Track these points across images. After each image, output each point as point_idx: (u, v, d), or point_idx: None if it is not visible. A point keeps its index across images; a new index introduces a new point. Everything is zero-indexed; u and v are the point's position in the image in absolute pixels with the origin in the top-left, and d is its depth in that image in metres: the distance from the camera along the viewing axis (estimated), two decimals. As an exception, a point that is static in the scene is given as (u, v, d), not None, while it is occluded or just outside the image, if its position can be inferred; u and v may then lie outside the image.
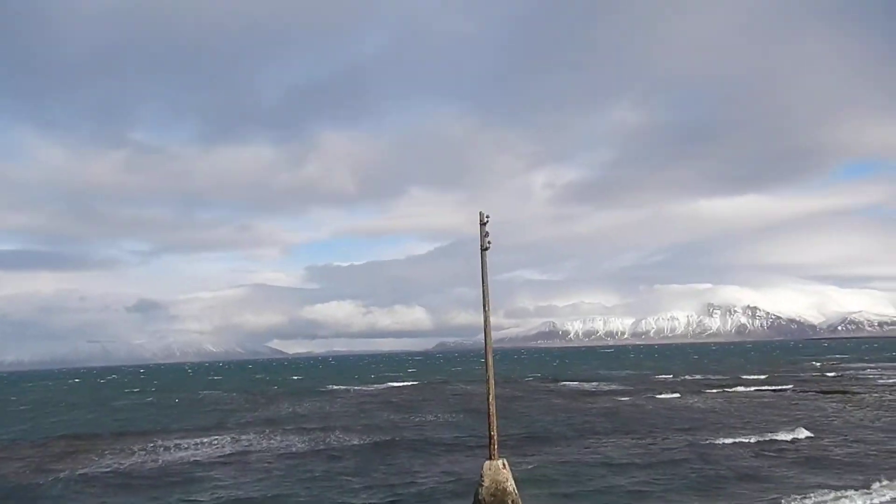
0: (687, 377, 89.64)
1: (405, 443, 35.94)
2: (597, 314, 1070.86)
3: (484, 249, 21.28)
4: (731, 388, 68.13)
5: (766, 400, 55.27)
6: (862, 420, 40.70)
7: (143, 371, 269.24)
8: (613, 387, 74.84)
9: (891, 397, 54.37)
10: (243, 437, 39.83)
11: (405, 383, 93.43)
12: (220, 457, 32.84)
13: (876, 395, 56.74)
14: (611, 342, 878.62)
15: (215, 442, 37.96)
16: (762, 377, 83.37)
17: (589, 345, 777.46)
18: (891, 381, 72.90)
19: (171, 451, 35.40)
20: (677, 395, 61.72)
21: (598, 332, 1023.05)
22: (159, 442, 38.66)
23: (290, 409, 58.29)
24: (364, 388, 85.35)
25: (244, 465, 30.34)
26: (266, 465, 30.24)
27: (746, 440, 33.65)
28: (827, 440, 33.10)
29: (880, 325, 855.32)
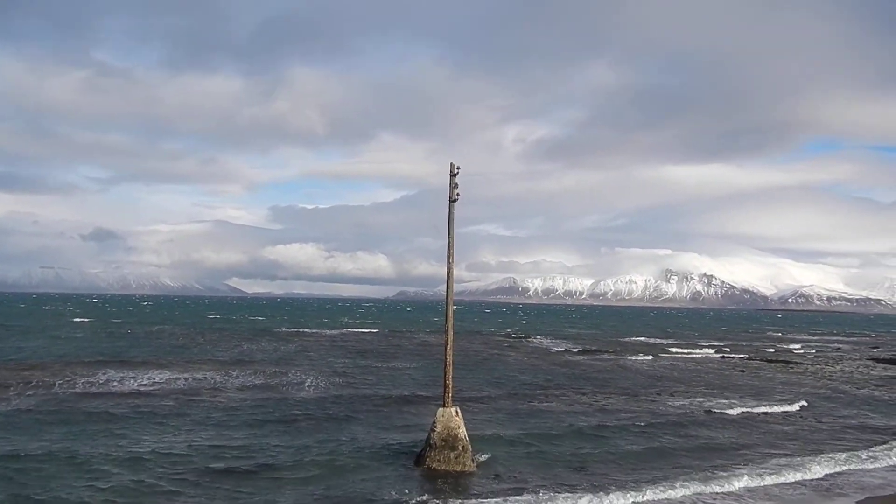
0: (650, 339, 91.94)
1: (362, 388, 36.45)
2: (557, 273, 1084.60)
3: (452, 201, 21.38)
4: (691, 350, 70.28)
5: (723, 366, 57.16)
6: (801, 389, 42.49)
7: (97, 300, 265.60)
8: (574, 345, 76.41)
9: (829, 368, 56.67)
10: (195, 374, 39.81)
11: (366, 330, 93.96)
12: (168, 392, 32.83)
13: (818, 365, 59.11)
14: (569, 301, 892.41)
15: (165, 377, 37.83)
16: (721, 343, 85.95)
17: (548, 302, 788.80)
18: (822, 352, 75.88)
19: (119, 383, 35.28)
20: (638, 356, 63.39)
21: (557, 290, 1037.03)
22: (109, 373, 38.48)
23: (246, 349, 58.33)
24: (323, 332, 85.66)
25: (193, 402, 30.38)
26: (215, 403, 30.37)
27: (698, 404, 34.93)
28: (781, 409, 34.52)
29: (829, 299, 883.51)
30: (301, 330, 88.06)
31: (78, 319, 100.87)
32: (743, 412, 32.24)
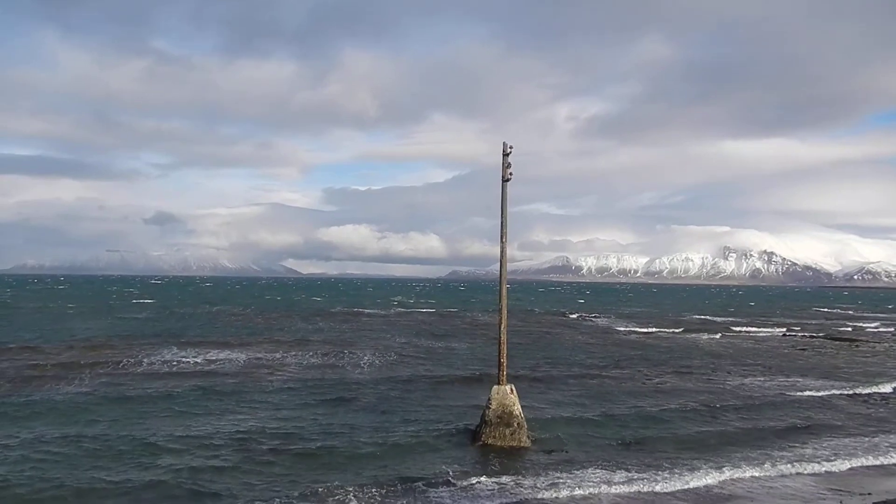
0: (709, 317, 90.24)
1: (417, 368, 36.81)
2: (611, 251, 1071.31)
3: (505, 181, 21.25)
4: (753, 328, 68.69)
5: (787, 343, 55.71)
6: (866, 368, 41.06)
7: (160, 281, 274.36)
8: (630, 324, 75.50)
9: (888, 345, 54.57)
10: (254, 353, 40.84)
11: (419, 310, 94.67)
12: (228, 371, 33.77)
13: (886, 344, 56.98)
14: (623, 280, 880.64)
15: (225, 356, 38.93)
16: (784, 321, 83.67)
17: (601, 281, 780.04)
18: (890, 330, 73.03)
19: (179, 361, 36.44)
20: (697, 334, 62.30)
21: (610, 269, 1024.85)
22: (173, 350, 39.82)
23: (303, 328, 59.49)
24: (378, 312, 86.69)
25: (253, 381, 31.18)
26: (274, 383, 31.08)
27: (750, 380, 34.16)
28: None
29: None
30: (356, 310, 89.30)
31: (141, 301, 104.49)
32: (812, 394, 31.37)
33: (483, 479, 16.97)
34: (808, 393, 31.37)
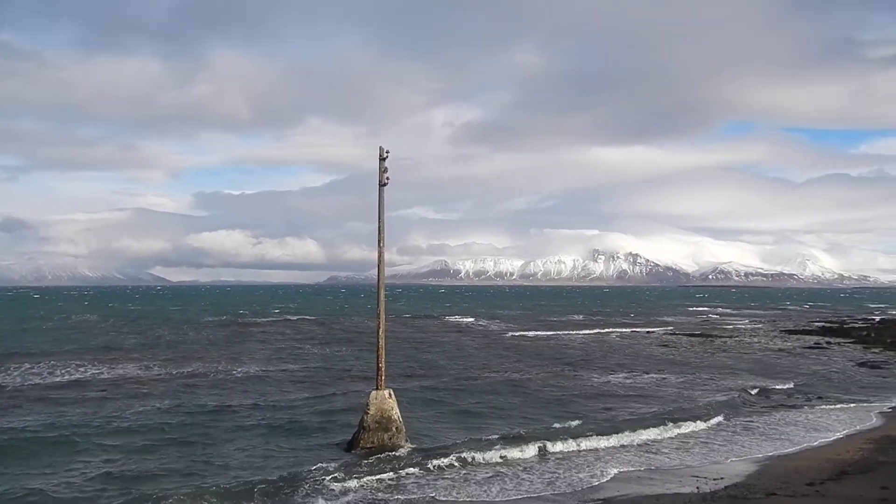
0: (579, 317, 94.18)
1: (294, 374, 36.14)
2: (488, 255, 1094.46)
3: (382, 185, 21.35)
4: (618, 327, 72.36)
5: (642, 340, 59.13)
6: (718, 360, 44.49)
7: (11, 293, 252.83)
8: (507, 324, 77.53)
9: (748, 340, 59.56)
10: (113, 366, 38.63)
11: (296, 317, 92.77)
12: (87, 384, 31.80)
13: (736, 338, 61.94)
14: (500, 282, 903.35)
15: (82, 368, 36.57)
16: (647, 319, 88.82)
17: (479, 284, 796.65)
18: (743, 325, 79.62)
19: (31, 375, 33.94)
20: (568, 333, 64.86)
21: (488, 272, 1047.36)
22: (23, 365, 36.93)
23: (170, 338, 56.81)
24: (254, 320, 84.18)
25: (115, 391, 29.56)
26: (136, 394, 29.59)
27: (613, 375, 36.14)
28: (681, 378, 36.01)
29: (746, 275, 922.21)
30: (230, 318, 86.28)
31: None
32: (675, 390, 33.61)
33: (359, 484, 16.96)
34: (670, 388, 33.58)
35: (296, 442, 21.22)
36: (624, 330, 71.62)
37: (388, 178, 21.36)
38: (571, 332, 67.31)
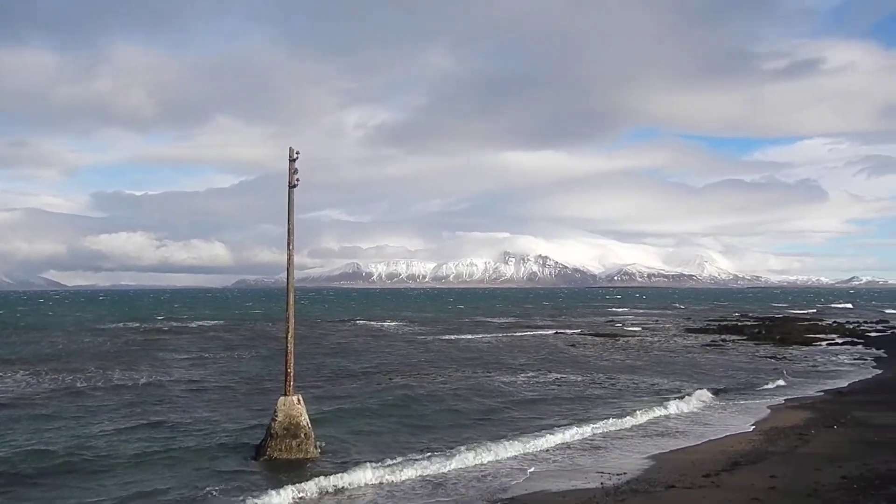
0: (490, 319, 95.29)
1: (199, 382, 34.91)
2: (400, 257, 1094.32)
3: (292, 186, 20.95)
4: (527, 328, 73.67)
5: (549, 341, 60.50)
6: (623, 360, 46.09)
7: None
8: (418, 327, 77.59)
9: (650, 339, 61.98)
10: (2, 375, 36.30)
11: (199, 323, 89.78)
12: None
13: (638, 337, 64.33)
14: (412, 285, 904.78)
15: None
16: (555, 320, 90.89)
17: (391, 287, 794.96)
18: (646, 324, 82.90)
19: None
20: (479, 335, 65.53)
21: (400, 274, 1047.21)
22: None
23: (63, 346, 53.82)
24: (154, 326, 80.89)
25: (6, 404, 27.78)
26: (30, 402, 27.92)
27: (525, 376, 36.82)
28: (588, 378, 37.11)
29: (649, 276, 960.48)
30: (130, 324, 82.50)
31: None
32: (562, 381, 34.53)
33: (265, 495, 16.50)
34: (579, 389, 34.48)
35: (197, 452, 20.43)
36: (535, 331, 73.10)
37: (298, 180, 20.97)
38: (483, 334, 68.14)
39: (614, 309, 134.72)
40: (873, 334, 67.39)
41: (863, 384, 34.92)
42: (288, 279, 21.40)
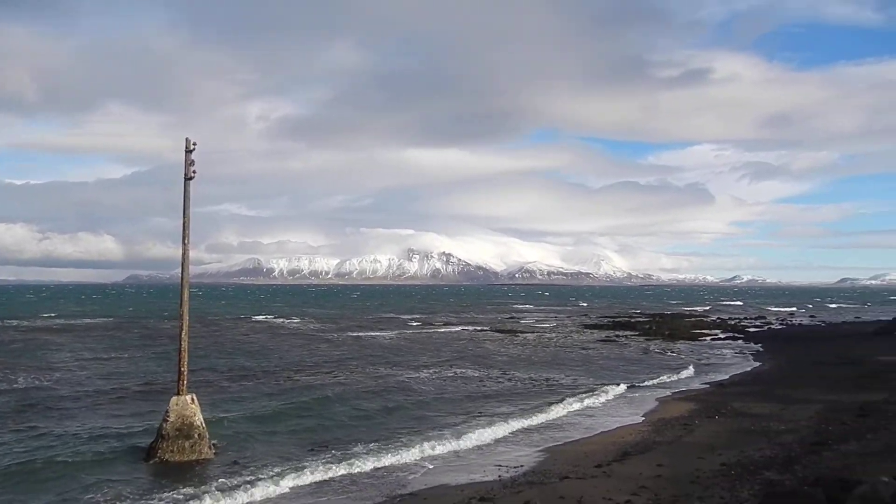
0: (394, 315, 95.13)
1: (86, 383, 33.14)
2: (302, 253, 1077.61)
3: (188, 179, 20.28)
4: (427, 326, 74.02)
5: (451, 337, 61.11)
6: (522, 355, 47.21)
7: None
8: (320, 324, 76.53)
9: (548, 336, 63.76)
10: None
11: (90, 319, 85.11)
12: None
13: (536, 333, 66.04)
14: (315, 281, 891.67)
15: None
16: (458, 316, 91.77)
17: (293, 283, 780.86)
18: (545, 321, 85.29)
19: None
20: (382, 332, 65.29)
21: (302, 270, 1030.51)
22: None
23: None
24: (35, 324, 76.02)
25: None
26: None
27: (426, 372, 37.09)
28: (487, 373, 37.81)
29: (549, 273, 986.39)
30: (6, 322, 77.05)
31: None
32: (463, 376, 35.07)
33: (154, 499, 15.88)
34: (480, 384, 35.00)
35: (83, 461, 19.30)
36: (439, 328, 73.66)
37: (194, 172, 20.31)
38: (388, 331, 68.03)
39: (516, 306, 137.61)
40: (752, 330, 72.06)
41: (742, 377, 37.23)
42: (183, 275, 20.67)
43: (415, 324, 78.71)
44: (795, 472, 16.49)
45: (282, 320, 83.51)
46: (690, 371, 39.02)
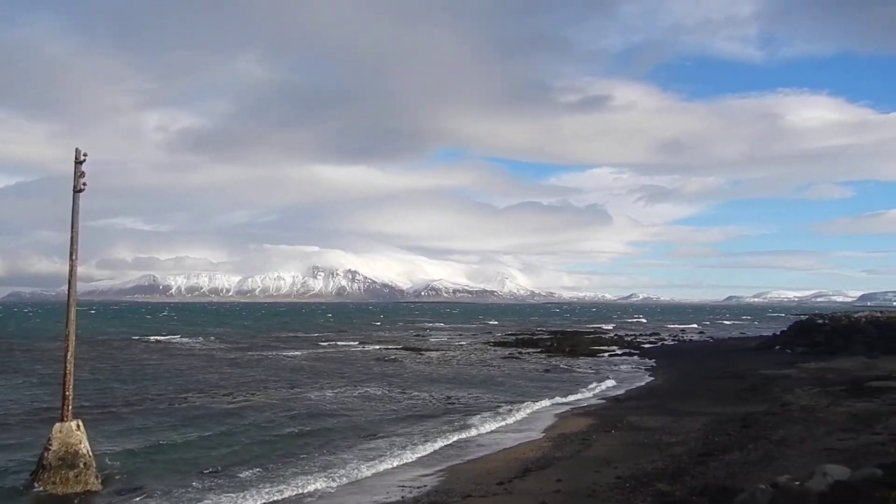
0: (299, 334, 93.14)
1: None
2: (202, 270, 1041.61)
3: (78, 191, 19.34)
4: (333, 345, 72.91)
5: (358, 356, 60.49)
6: (427, 372, 47.32)
7: None
8: (221, 344, 74.00)
9: (452, 353, 64.19)
10: None
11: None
12: None
13: (442, 351, 66.37)
14: (215, 299, 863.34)
15: None
16: (364, 335, 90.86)
17: (192, 301, 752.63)
18: (450, 339, 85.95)
19: None
20: (287, 352, 63.81)
21: (202, 288, 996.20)
22: None
23: None
24: None
25: None
26: None
27: (331, 392, 36.57)
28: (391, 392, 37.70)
29: (454, 291, 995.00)
30: None
31: None
32: (366, 395, 34.85)
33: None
34: (381, 403, 34.77)
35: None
36: (344, 346, 72.73)
37: (85, 184, 19.40)
38: (292, 350, 66.58)
39: (423, 324, 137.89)
40: (647, 346, 75.11)
41: (637, 391, 38.70)
42: (70, 292, 19.60)
43: (321, 343, 77.43)
44: (685, 482, 17.25)
45: (181, 340, 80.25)
46: (590, 386, 40.20)
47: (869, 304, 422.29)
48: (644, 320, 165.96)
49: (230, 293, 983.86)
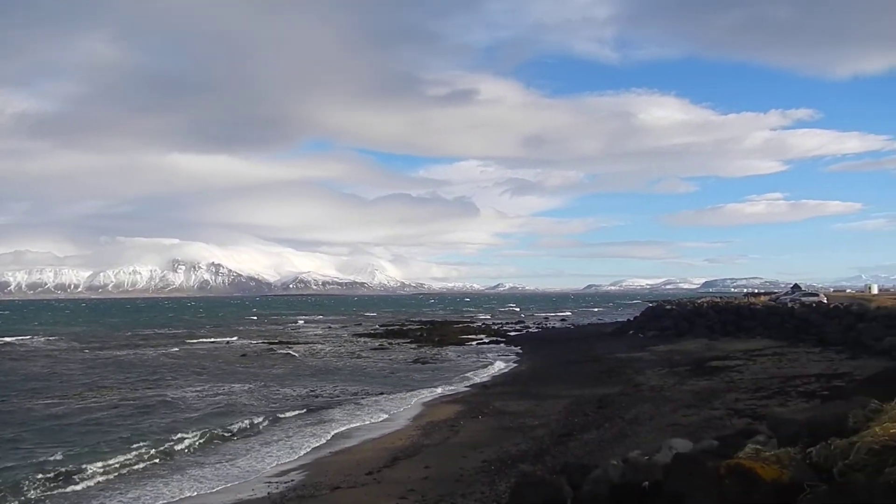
0: (159, 330, 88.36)
1: None
2: (46, 265, 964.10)
3: None
4: (193, 341, 69.80)
5: (221, 352, 58.38)
6: (292, 368, 46.55)
7: None
8: (70, 343, 68.91)
9: (320, 346, 63.45)
10: None
11: None
12: None
13: (310, 344, 65.45)
14: (62, 295, 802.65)
15: None
16: (232, 329, 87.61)
17: (35, 298, 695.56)
18: (318, 332, 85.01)
19: None
20: (145, 350, 60.42)
21: (46, 284, 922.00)
22: None
23: None
24: None
25: None
26: None
27: (191, 390, 35.13)
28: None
29: (324, 284, 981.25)
30: None
31: None
32: (226, 390, 33.88)
33: None
34: (241, 398, 33.78)
35: None
36: (205, 342, 69.91)
37: None
38: (148, 348, 63.15)
39: (290, 317, 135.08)
40: (513, 333, 77.74)
41: (502, 377, 39.98)
42: None
43: (181, 338, 73.95)
44: (546, 462, 18.07)
45: (21, 339, 73.99)
46: (458, 374, 41.06)
47: (710, 290, 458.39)
48: (517, 309, 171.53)
49: (80, 289, 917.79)
